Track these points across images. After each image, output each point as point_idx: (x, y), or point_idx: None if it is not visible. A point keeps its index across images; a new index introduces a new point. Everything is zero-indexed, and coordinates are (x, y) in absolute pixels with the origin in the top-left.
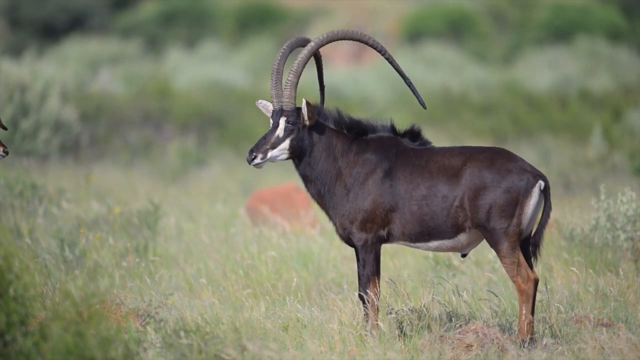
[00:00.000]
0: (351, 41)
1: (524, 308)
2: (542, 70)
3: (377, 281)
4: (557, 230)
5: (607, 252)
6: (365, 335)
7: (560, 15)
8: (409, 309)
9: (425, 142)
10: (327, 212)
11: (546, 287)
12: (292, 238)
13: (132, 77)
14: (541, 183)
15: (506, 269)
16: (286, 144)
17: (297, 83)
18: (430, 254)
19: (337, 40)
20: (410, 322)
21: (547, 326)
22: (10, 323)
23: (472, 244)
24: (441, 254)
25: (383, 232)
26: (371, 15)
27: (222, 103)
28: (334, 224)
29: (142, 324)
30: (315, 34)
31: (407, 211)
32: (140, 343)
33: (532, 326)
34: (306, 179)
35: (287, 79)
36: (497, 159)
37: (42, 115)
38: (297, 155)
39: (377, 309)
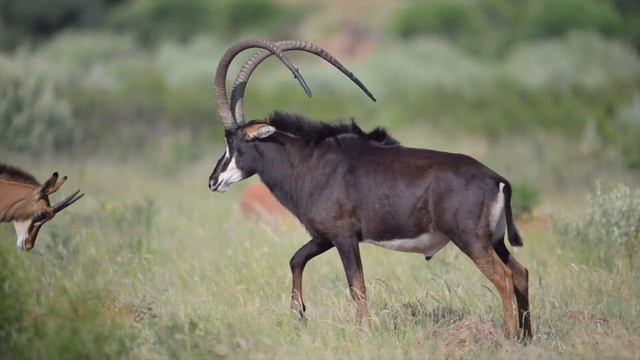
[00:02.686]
0: (345, 35)
1: (507, 305)
2: (536, 66)
3: (361, 275)
4: (551, 225)
5: (602, 248)
6: (360, 331)
7: (553, 10)
8: (403, 305)
9: (392, 142)
10: (296, 215)
11: (540, 283)
12: (286, 234)
13: (125, 73)
14: (502, 185)
15: (482, 270)
16: (233, 163)
17: (227, 102)
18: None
19: (247, 48)
20: (404, 317)
21: (541, 321)
22: (5, 319)
23: (435, 246)
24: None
25: (358, 225)
26: (365, 10)
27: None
28: (304, 225)
29: (136, 319)
30: (308, 29)
31: (370, 209)
32: (134, 339)
33: (529, 321)
34: (268, 187)
35: (216, 103)
36: (462, 164)
37: (36, 111)
38: (250, 170)
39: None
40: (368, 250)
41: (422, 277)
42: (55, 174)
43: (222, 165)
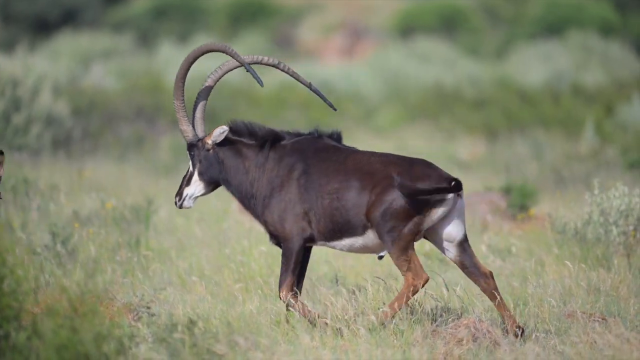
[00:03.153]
0: (345, 35)
1: (401, 298)
2: (535, 65)
3: (291, 282)
4: (549, 224)
5: (600, 247)
6: (358, 330)
7: (552, 10)
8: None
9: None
10: (257, 219)
11: (538, 281)
12: None
13: (124, 72)
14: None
15: (397, 266)
16: (196, 176)
17: (187, 116)
18: (423, 248)
19: (200, 55)
20: (402, 316)
21: (540, 320)
22: (4, 318)
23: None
24: (435, 249)
25: (308, 230)
26: (364, 10)
27: (214, 98)
28: (265, 229)
29: (135, 318)
30: (308, 29)
31: (320, 205)
32: (132, 338)
33: (515, 321)
34: (232, 194)
35: (176, 117)
36: (417, 165)
37: (34, 110)
38: (212, 180)
39: (302, 306)
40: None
41: None
42: (1, 152)
43: (186, 180)
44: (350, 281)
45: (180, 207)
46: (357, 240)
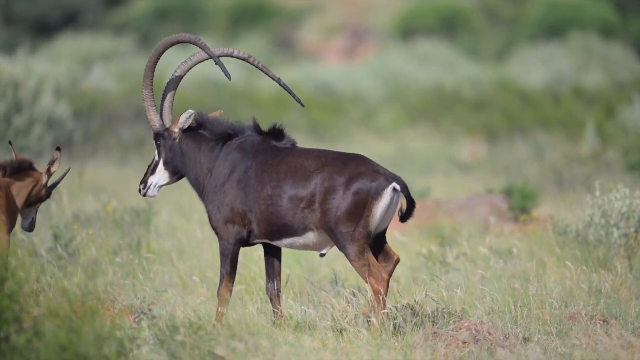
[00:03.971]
0: (346, 37)
1: (377, 309)
2: (536, 67)
3: (230, 280)
4: (551, 226)
5: (601, 249)
6: (359, 332)
7: (553, 11)
8: (403, 306)
9: (290, 141)
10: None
11: (540, 283)
12: None
13: (125, 74)
14: (394, 185)
15: (357, 272)
16: (161, 165)
17: (154, 106)
18: (424, 250)
19: (171, 46)
20: (403, 319)
21: (541, 322)
22: (5, 320)
23: (324, 243)
24: (436, 251)
25: (244, 232)
26: (365, 12)
27: (215, 100)
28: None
29: (136, 320)
30: (308, 31)
31: (258, 210)
32: (134, 340)
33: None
34: (191, 186)
35: (144, 105)
36: (351, 163)
37: (36, 112)
38: (176, 170)
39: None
40: None
41: (422, 279)
42: (59, 149)
43: (151, 169)
44: (350, 283)
45: (145, 195)
46: (297, 240)
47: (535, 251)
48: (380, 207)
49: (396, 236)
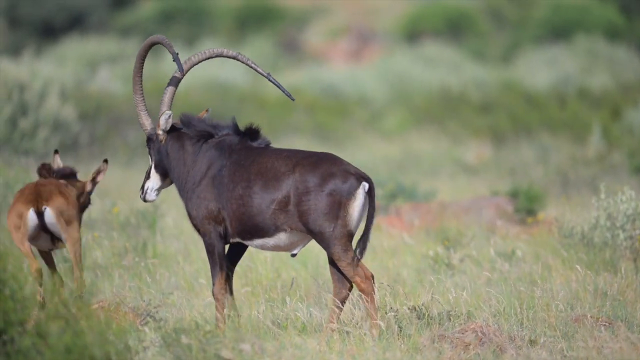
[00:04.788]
0: (351, 39)
1: (370, 306)
2: (541, 69)
3: (222, 277)
4: (556, 229)
5: (607, 251)
6: (365, 335)
7: (559, 13)
8: (409, 308)
9: (264, 141)
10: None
11: (545, 286)
12: None
13: (131, 76)
14: (365, 185)
15: (344, 270)
16: (153, 168)
17: (144, 110)
18: (430, 252)
19: (150, 47)
20: (409, 321)
21: (547, 325)
22: (8, 322)
23: (296, 244)
24: (442, 253)
25: (221, 229)
26: (370, 13)
27: (221, 102)
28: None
29: (142, 323)
30: (314, 33)
31: (230, 209)
32: (139, 342)
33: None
34: (175, 186)
35: (136, 111)
36: (322, 163)
37: (41, 114)
38: (165, 172)
39: (224, 305)
40: (373, 254)
41: (428, 281)
42: (106, 161)
43: (147, 174)
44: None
45: (145, 200)
46: (268, 241)
47: (541, 253)
48: (355, 207)
49: (402, 238)
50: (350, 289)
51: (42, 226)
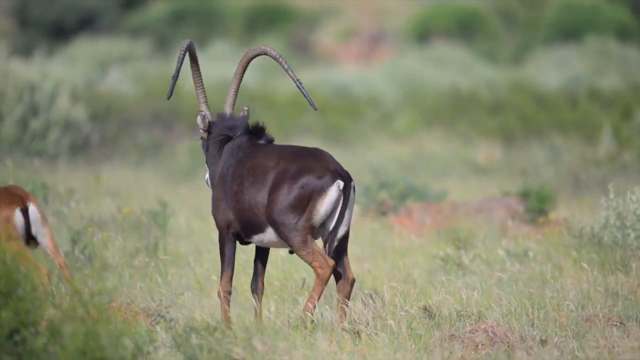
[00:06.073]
0: (362, 40)
1: (315, 289)
2: (552, 70)
3: (229, 275)
4: (566, 229)
5: (617, 251)
6: (376, 334)
7: (569, 14)
8: (419, 308)
9: (267, 139)
10: None
11: (556, 286)
12: None
13: (141, 77)
14: (340, 182)
15: (303, 259)
16: (206, 163)
17: (201, 110)
18: (441, 252)
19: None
20: (420, 321)
21: (558, 325)
22: (21, 323)
23: None
24: (451, 252)
25: (231, 229)
26: (381, 14)
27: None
28: None
29: (153, 323)
30: (324, 34)
31: (232, 206)
32: (150, 343)
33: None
34: None
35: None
36: (304, 157)
37: (52, 115)
38: None
39: (229, 303)
40: (384, 255)
41: (439, 281)
42: None
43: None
44: (367, 285)
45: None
46: (263, 237)
47: (552, 253)
48: (324, 203)
49: (413, 239)
50: (352, 284)
51: (26, 226)
